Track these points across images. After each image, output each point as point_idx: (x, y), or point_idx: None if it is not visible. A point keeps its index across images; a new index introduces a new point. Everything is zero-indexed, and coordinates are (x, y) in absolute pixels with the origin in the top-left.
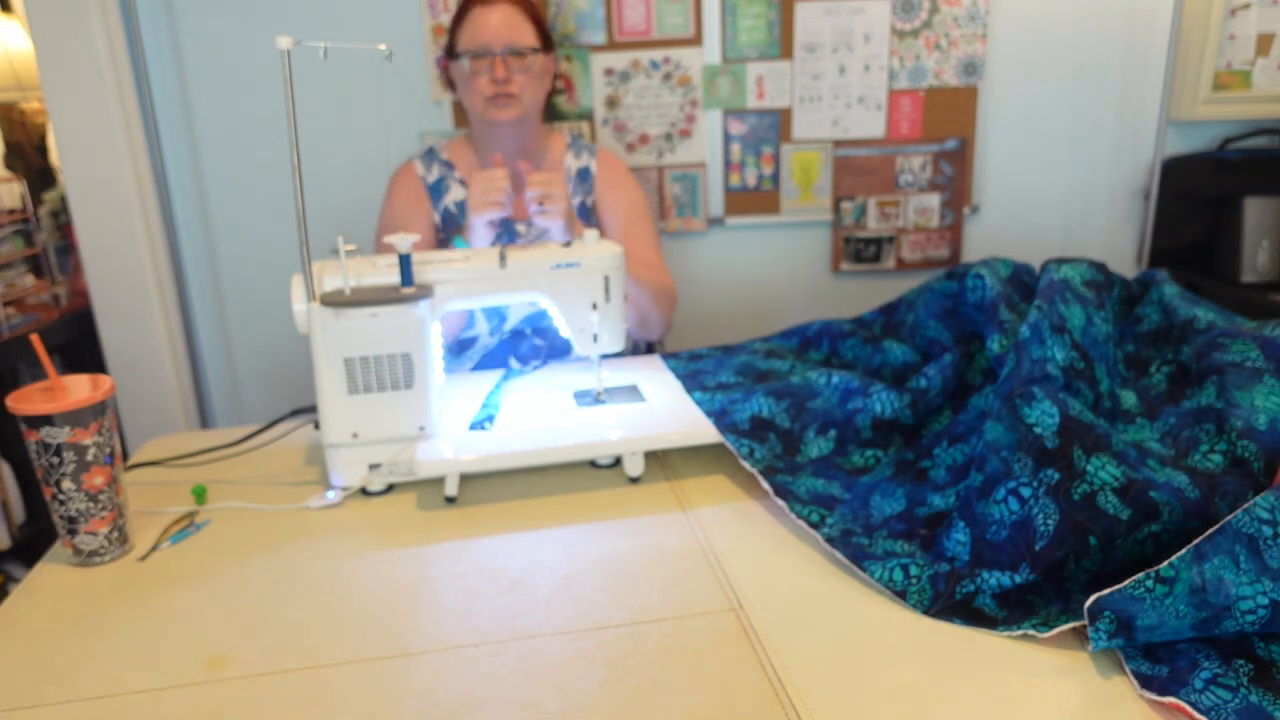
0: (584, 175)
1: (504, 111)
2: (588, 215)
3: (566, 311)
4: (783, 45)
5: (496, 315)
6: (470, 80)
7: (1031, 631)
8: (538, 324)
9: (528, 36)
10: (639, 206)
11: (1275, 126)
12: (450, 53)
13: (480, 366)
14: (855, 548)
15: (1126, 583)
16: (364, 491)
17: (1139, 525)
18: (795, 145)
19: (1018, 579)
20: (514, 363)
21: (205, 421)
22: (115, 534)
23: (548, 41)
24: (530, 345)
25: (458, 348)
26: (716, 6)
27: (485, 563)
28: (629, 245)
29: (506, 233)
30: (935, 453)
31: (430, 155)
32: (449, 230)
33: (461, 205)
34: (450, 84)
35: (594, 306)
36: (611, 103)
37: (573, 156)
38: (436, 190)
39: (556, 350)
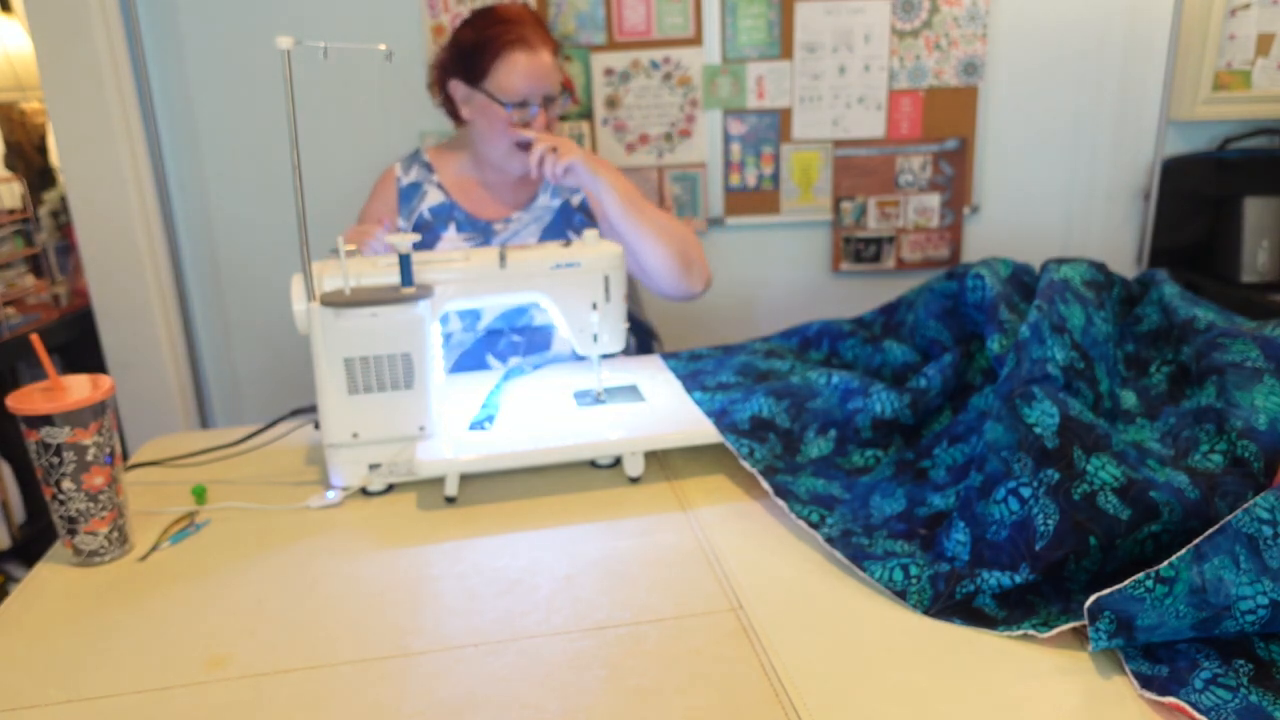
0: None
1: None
2: (570, 215)
3: (566, 311)
4: (783, 45)
5: (470, 313)
6: (499, 126)
7: (1031, 631)
8: (514, 323)
9: (558, 77)
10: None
11: (1275, 126)
12: (468, 76)
13: (458, 366)
14: (855, 548)
15: (1126, 583)
16: (364, 491)
17: (1139, 525)
18: (795, 145)
19: (1018, 579)
20: (493, 361)
21: (205, 421)
22: (115, 534)
23: (559, 53)
24: (508, 342)
25: None
26: (716, 6)
27: (485, 563)
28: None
29: (484, 236)
30: (935, 453)
31: (412, 158)
32: (423, 234)
33: (437, 210)
34: (444, 95)
35: (594, 306)
36: (611, 103)
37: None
38: (409, 195)
39: (536, 346)
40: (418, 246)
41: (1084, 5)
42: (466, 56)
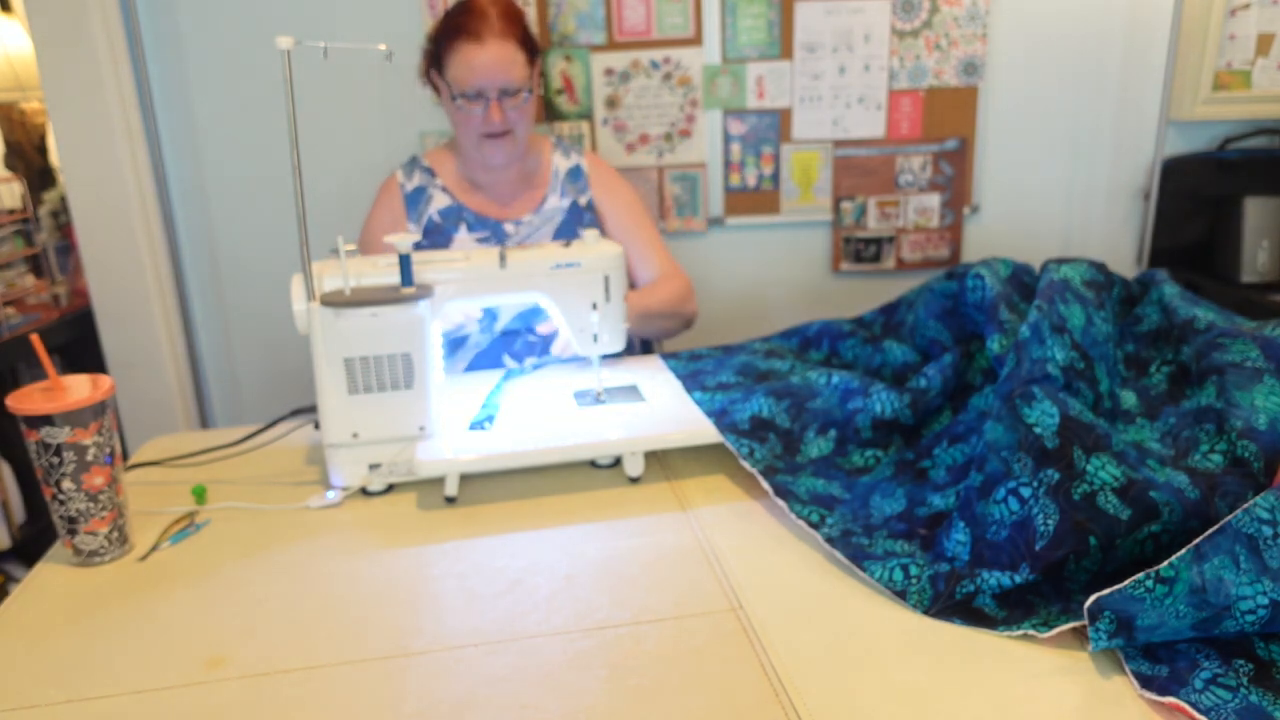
0: (575, 174)
1: (501, 150)
2: (580, 214)
3: (566, 311)
4: (783, 45)
5: (487, 314)
6: (463, 116)
7: (1031, 631)
8: (530, 323)
9: (520, 73)
10: (638, 207)
11: (1275, 126)
12: (437, 66)
13: (473, 366)
14: (855, 548)
15: (1126, 583)
16: (364, 491)
17: (1139, 525)
18: (795, 145)
19: (1018, 579)
20: (509, 361)
21: (205, 421)
22: (115, 534)
23: (534, 53)
24: (524, 342)
25: (449, 348)
26: (716, 6)
27: (485, 563)
28: (637, 247)
29: (495, 234)
30: (935, 453)
31: (412, 164)
32: (435, 238)
33: (446, 212)
34: (432, 85)
35: (594, 306)
36: (611, 103)
37: (561, 156)
38: (415, 200)
39: (552, 344)
40: (432, 247)
41: (1084, 5)
42: (434, 46)
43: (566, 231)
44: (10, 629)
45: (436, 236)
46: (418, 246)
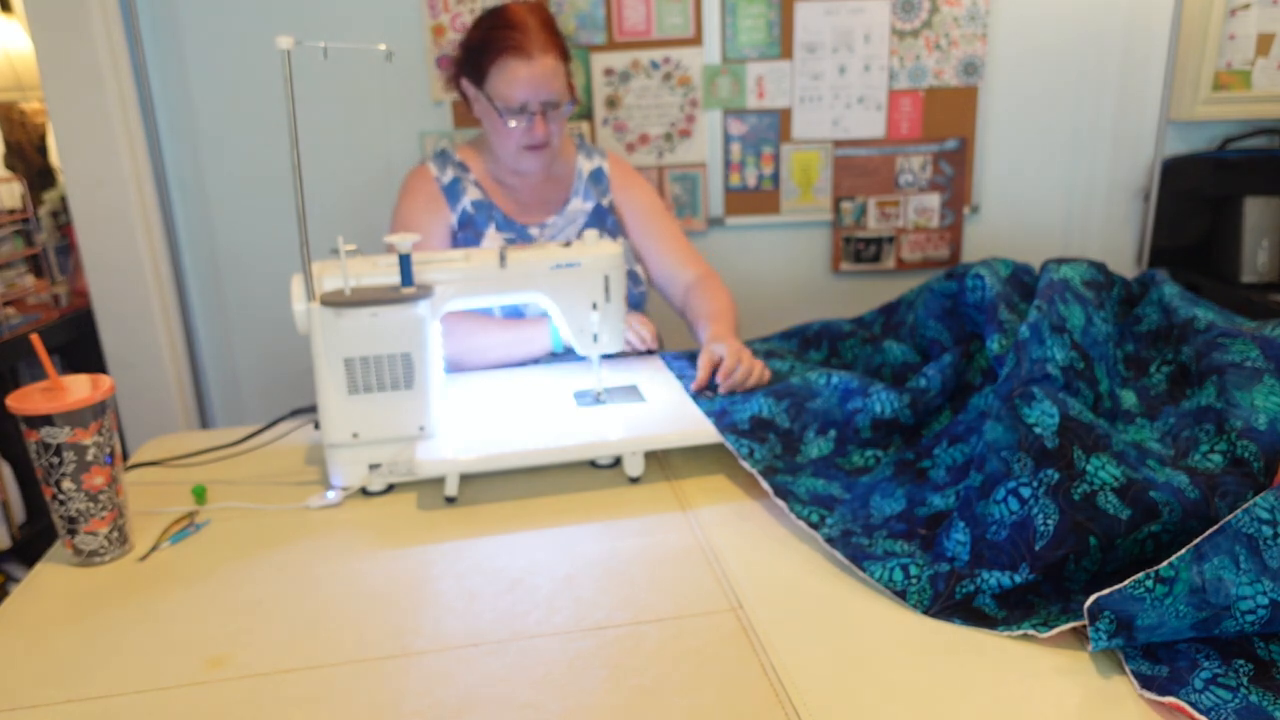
0: (598, 176)
1: (538, 161)
2: (604, 216)
3: (566, 311)
4: (783, 45)
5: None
6: (502, 127)
7: (1031, 631)
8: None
9: (561, 84)
10: (659, 206)
11: (1275, 126)
12: (472, 76)
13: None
14: (855, 548)
15: (1126, 583)
16: (364, 491)
17: (1139, 525)
18: (795, 145)
19: (1018, 579)
20: None
21: (205, 421)
22: (115, 534)
23: (569, 59)
24: None
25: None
26: (716, 6)
27: (485, 563)
28: (663, 247)
29: (520, 238)
30: (935, 453)
31: (443, 157)
32: (467, 232)
33: (479, 205)
34: (460, 91)
35: (594, 306)
36: (611, 103)
37: (584, 158)
38: (452, 192)
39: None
40: (464, 240)
41: (1084, 5)
42: (471, 56)
43: None
44: (10, 629)
45: (469, 230)
46: (454, 241)
